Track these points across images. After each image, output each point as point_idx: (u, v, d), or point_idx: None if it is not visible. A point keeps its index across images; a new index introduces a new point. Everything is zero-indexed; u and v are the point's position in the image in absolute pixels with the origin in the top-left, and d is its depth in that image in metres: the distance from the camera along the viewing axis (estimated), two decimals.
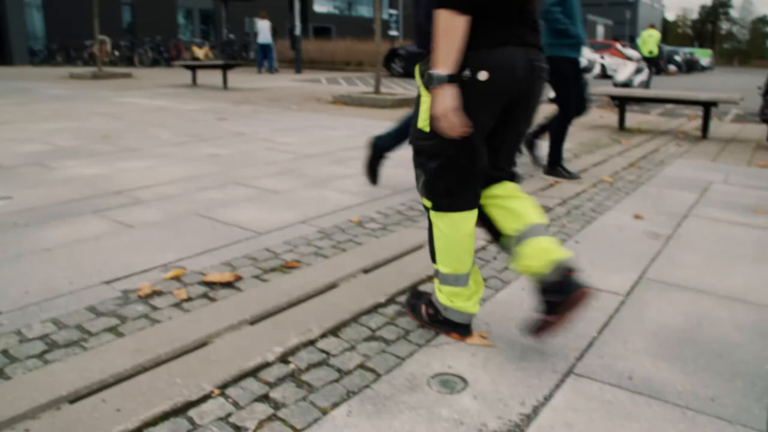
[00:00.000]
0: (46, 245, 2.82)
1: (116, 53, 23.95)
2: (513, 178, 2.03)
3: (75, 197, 3.67)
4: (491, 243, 2.25)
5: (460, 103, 1.73)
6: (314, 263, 2.63)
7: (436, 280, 2.01)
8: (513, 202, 1.95)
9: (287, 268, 2.57)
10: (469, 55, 1.72)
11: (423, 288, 2.37)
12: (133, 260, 2.63)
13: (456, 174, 1.86)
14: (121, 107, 8.72)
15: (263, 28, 19.82)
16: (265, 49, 20.01)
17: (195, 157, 5.00)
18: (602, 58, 21.69)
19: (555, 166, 4.52)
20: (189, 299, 2.23)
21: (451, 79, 1.69)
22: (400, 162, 4.91)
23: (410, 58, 18.93)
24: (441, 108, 1.72)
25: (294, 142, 5.83)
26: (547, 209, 3.59)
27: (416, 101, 1.92)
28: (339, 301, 2.23)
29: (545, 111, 4.73)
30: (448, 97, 1.70)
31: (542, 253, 1.85)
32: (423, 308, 2.06)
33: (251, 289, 2.33)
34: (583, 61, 4.52)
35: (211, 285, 2.37)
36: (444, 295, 1.98)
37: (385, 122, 7.40)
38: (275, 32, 20.61)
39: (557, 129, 4.52)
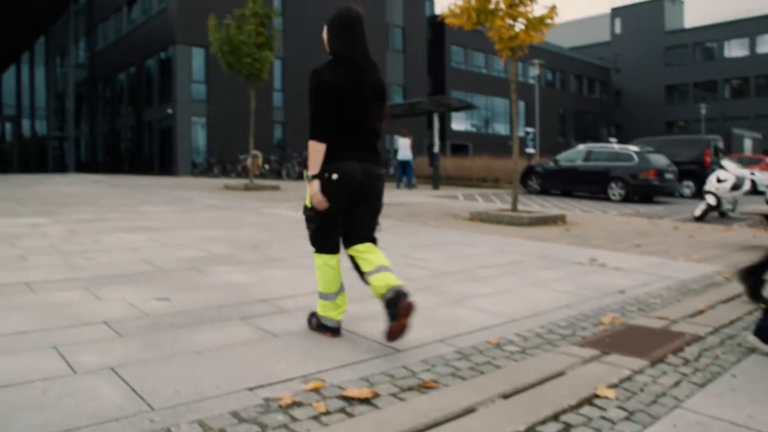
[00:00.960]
0: (197, 347, 2.98)
1: (266, 167, 25.67)
2: (373, 241, 3.24)
3: (225, 303, 3.89)
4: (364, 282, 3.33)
5: (325, 191, 3.03)
6: (452, 384, 2.59)
7: (319, 299, 3.27)
8: (369, 255, 3.14)
9: (424, 387, 2.55)
10: (330, 165, 3.03)
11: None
12: (276, 368, 2.72)
13: (324, 232, 3.17)
14: (269, 218, 9.26)
15: (404, 146, 20.58)
16: (404, 166, 20.69)
17: None
18: (752, 174, 20.62)
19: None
20: (327, 413, 2.26)
21: (314, 176, 3.04)
22: (538, 282, 4.83)
23: (548, 175, 18.88)
24: (312, 192, 3.06)
25: (432, 258, 5.91)
26: (698, 338, 3.36)
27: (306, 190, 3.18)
28: (476, 427, 2.17)
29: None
30: (315, 186, 3.04)
31: (383, 280, 3.01)
32: (313, 321, 3.33)
33: (388, 407, 2.32)
34: (731, 178, 4.31)
35: (349, 400, 2.39)
36: (320, 308, 3.25)
37: (522, 240, 7.35)
38: (414, 149, 21.35)
39: None
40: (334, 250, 3.20)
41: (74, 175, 26.21)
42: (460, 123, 45.49)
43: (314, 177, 3.05)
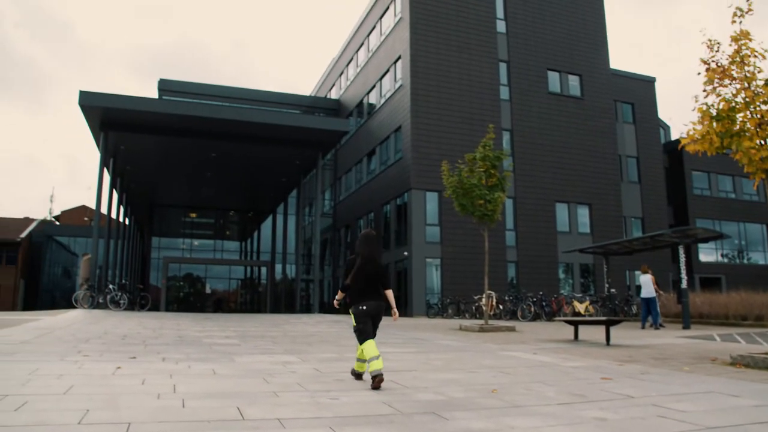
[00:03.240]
0: None
1: (500, 307, 25.44)
2: (374, 336, 6.19)
3: None
4: None
5: (360, 314, 6.25)
6: None
7: (356, 361, 6.52)
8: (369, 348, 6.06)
9: None
10: (360, 303, 6.22)
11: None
12: None
13: (360, 333, 6.18)
14: (506, 361, 8.99)
15: (646, 282, 19.38)
16: (648, 303, 19.35)
17: (581, 420, 4.78)
18: None
19: None
20: None
21: (340, 290, 6.51)
22: None
23: None
24: (338, 296, 6.56)
25: (690, 409, 5.24)
26: None
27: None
28: None
29: None
30: (340, 294, 6.49)
31: (373, 365, 5.90)
32: (352, 373, 6.64)
33: None
34: None
35: None
36: (356, 366, 6.52)
37: None
38: (658, 285, 20.00)
39: None
40: (367, 339, 6.15)
41: (318, 315, 28.06)
42: (709, 254, 42.03)
43: (337, 300, 6.59)
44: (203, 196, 44.85)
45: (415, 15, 33.08)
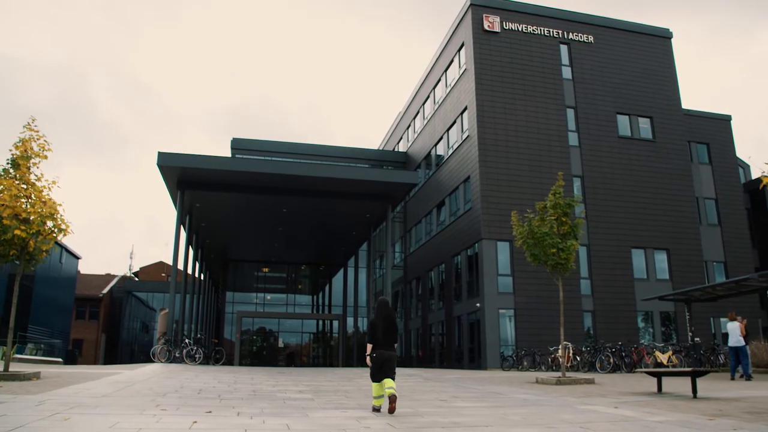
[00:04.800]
0: None
1: (578, 358, 24.62)
2: (392, 376, 8.71)
3: None
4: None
5: (373, 360, 8.97)
6: None
7: (373, 398, 8.89)
8: (387, 382, 8.66)
9: None
10: (374, 352, 8.99)
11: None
12: None
13: (373, 373, 8.95)
14: (586, 415, 8.63)
15: (733, 329, 18.43)
16: (737, 353, 18.35)
17: None
18: None
19: None
20: None
21: (368, 355, 9.13)
22: None
23: None
24: (368, 360, 9.15)
25: None
26: None
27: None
28: None
29: None
30: (369, 359, 9.11)
31: (389, 392, 8.55)
32: (373, 409, 8.95)
33: None
34: None
35: None
36: (374, 402, 8.94)
37: None
38: (747, 333, 18.97)
39: None
40: (378, 379, 8.72)
41: None
42: None
43: (368, 356, 9.01)
44: (275, 250, 45.58)
45: (480, 66, 33.30)
